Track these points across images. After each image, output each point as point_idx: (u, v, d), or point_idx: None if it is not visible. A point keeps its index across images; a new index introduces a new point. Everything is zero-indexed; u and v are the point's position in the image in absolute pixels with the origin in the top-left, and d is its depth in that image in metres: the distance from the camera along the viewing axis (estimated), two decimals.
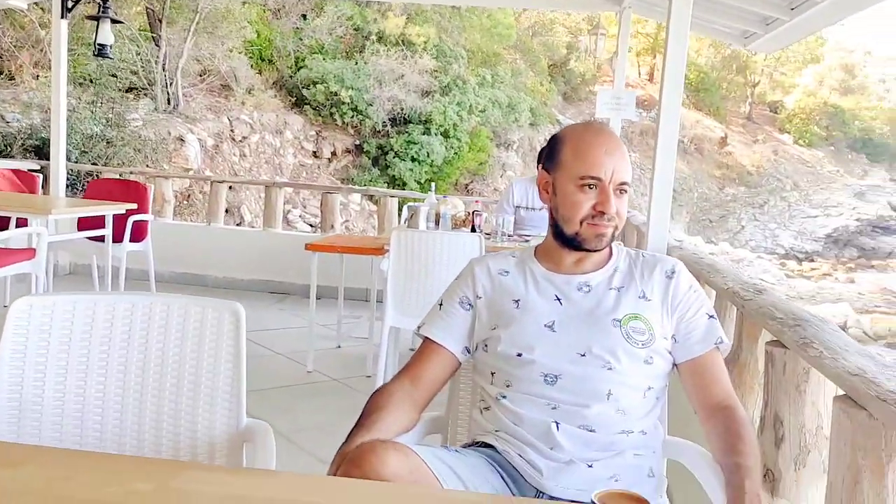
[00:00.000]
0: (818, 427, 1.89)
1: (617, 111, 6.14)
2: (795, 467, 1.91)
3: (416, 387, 1.57)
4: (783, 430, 1.92)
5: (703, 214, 27.19)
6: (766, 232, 26.46)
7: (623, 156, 1.55)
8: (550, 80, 22.90)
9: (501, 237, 4.45)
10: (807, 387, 1.89)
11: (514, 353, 1.53)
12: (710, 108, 30.36)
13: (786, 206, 27.53)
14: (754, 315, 2.21)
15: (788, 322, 1.95)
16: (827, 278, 22.32)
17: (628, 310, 1.54)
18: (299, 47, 15.31)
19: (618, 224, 1.55)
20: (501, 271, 1.65)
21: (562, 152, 1.57)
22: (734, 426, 1.46)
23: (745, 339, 2.38)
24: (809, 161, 30.73)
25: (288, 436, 3.47)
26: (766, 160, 29.49)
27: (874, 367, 1.55)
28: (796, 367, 1.89)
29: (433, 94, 15.48)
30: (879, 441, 1.43)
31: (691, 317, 1.57)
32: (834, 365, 1.63)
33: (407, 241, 3.77)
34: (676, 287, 1.59)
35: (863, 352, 1.69)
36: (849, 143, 33.45)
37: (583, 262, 1.61)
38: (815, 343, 1.76)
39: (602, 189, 1.52)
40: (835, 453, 1.53)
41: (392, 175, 14.97)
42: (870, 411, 1.44)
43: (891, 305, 18.53)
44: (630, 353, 1.50)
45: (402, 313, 3.82)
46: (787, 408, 1.91)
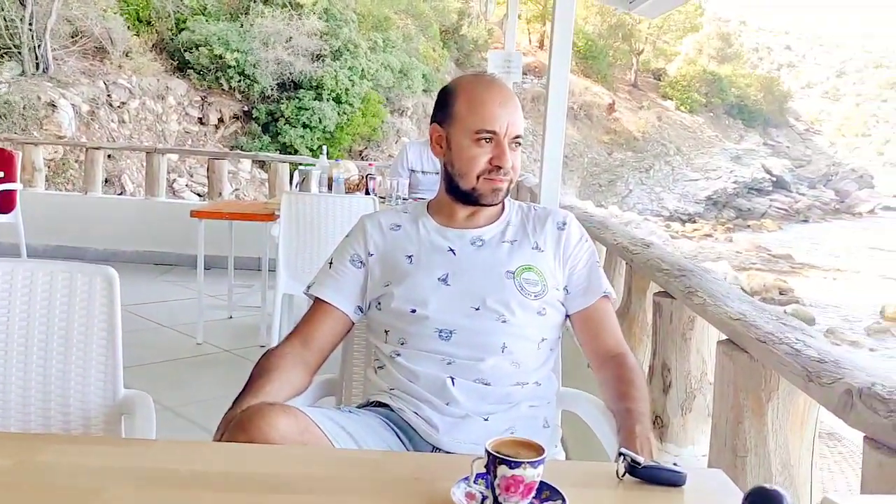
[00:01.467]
0: (703, 373, 1.97)
1: (508, 73, 6.18)
2: (682, 412, 1.98)
3: (307, 348, 1.51)
4: (670, 378, 1.99)
5: (594, 179, 27.99)
6: (651, 195, 27.55)
7: (516, 108, 1.53)
8: (443, 45, 22.82)
9: (396, 200, 4.39)
10: (692, 334, 1.95)
11: (408, 308, 1.49)
12: (598, 76, 31.11)
13: (670, 170, 28.71)
14: (642, 268, 2.27)
15: (674, 273, 2.01)
16: (708, 238, 23.52)
17: (521, 261, 1.53)
18: (179, 8, 14.56)
19: (513, 178, 1.54)
20: (393, 226, 1.61)
21: (455, 105, 1.53)
22: (625, 373, 1.48)
23: (634, 292, 2.44)
24: (691, 126, 32.08)
25: (176, 409, 3.33)
26: (650, 126, 30.57)
27: (754, 312, 1.61)
28: (682, 315, 1.95)
29: (324, 59, 15.12)
30: (760, 381, 1.49)
31: (582, 267, 1.58)
32: (716, 311, 1.68)
33: (298, 205, 3.66)
34: (568, 238, 1.59)
35: (743, 298, 1.76)
36: (726, 109, 35.12)
37: (476, 216, 1.58)
38: (700, 291, 1.82)
39: (497, 143, 1.50)
40: (718, 395, 1.58)
41: (283, 142, 14.58)
42: (750, 353, 1.49)
43: (765, 262, 19.74)
44: (523, 305, 1.49)
45: (295, 279, 3.71)
46: (674, 356, 1.98)
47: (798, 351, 1.33)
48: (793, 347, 1.35)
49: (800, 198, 31.03)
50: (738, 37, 43.30)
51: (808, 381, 1.25)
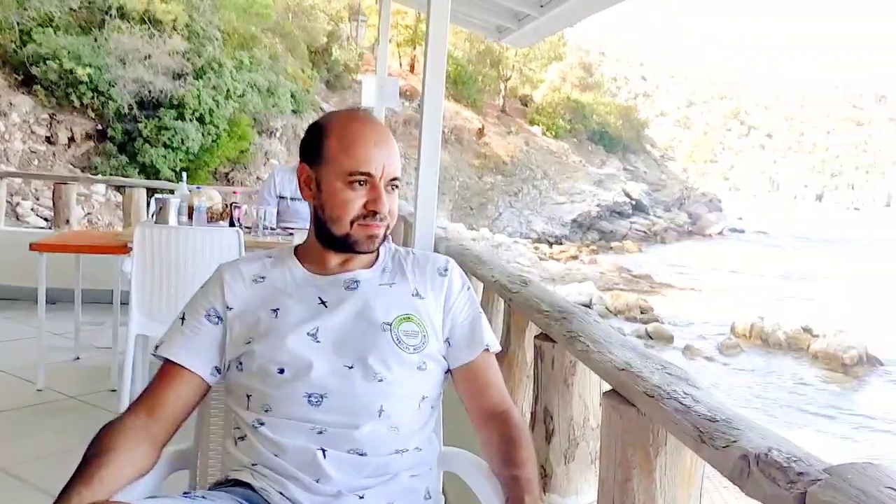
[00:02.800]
0: (585, 419, 1.91)
1: (382, 100, 6.09)
2: (565, 461, 1.91)
3: (154, 420, 1.32)
4: (553, 425, 1.92)
5: (465, 202, 28.39)
6: (521, 218, 28.25)
7: (393, 148, 1.41)
8: (312, 66, 22.51)
9: (263, 231, 4.16)
10: (574, 379, 1.89)
11: (274, 369, 1.33)
12: (468, 101, 31.70)
13: (537, 193, 29.57)
14: (522, 307, 2.20)
15: (555, 315, 1.95)
16: (574, 260, 24.34)
17: (399, 311, 1.41)
18: (24, 19, 13.54)
19: (390, 223, 1.41)
20: (256, 276, 1.44)
21: (326, 145, 1.39)
22: (510, 433, 1.38)
23: (513, 331, 2.37)
24: (556, 152, 33.26)
25: (9, 469, 2.96)
26: (519, 150, 31.42)
27: (638, 360, 1.56)
28: (564, 360, 1.89)
29: (185, 77, 14.49)
30: (648, 436, 1.43)
31: (464, 318, 1.48)
32: (601, 359, 1.62)
33: (153, 238, 3.37)
34: (450, 285, 1.48)
35: (626, 343, 1.71)
36: (589, 136, 36.70)
37: (350, 262, 1.45)
38: (582, 336, 1.76)
39: (373, 186, 1.37)
40: (605, 450, 1.52)
41: (143, 162, 13.80)
42: (638, 407, 1.43)
43: (627, 283, 20.62)
44: (402, 360, 1.36)
45: (150, 318, 3.42)
46: (557, 402, 1.91)
47: (688, 407, 1.27)
48: (682, 403, 1.30)
49: (657, 220, 32.78)
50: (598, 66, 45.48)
51: (700, 443, 1.19)
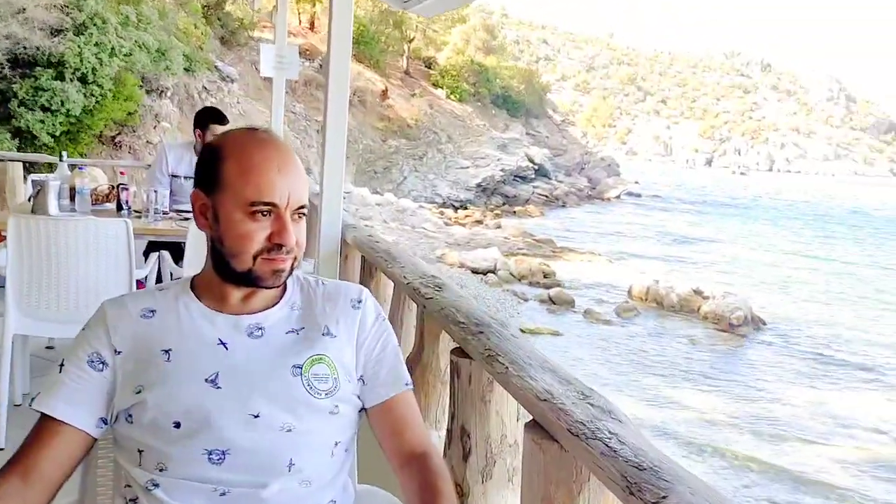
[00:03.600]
0: (503, 436, 1.86)
1: (281, 70, 5.82)
2: (483, 480, 1.86)
3: (29, 484, 1.17)
4: (470, 444, 1.86)
5: (369, 166, 28.05)
6: (425, 182, 28.18)
7: (299, 172, 1.27)
8: (205, 22, 21.47)
9: (155, 216, 3.90)
10: (492, 397, 1.83)
11: (168, 423, 1.19)
12: (371, 61, 31.15)
13: (442, 157, 29.53)
14: (436, 317, 2.12)
15: (471, 328, 1.88)
16: (479, 225, 24.53)
17: (310, 352, 1.29)
18: None
19: (297, 255, 1.28)
20: (145, 312, 1.29)
21: (223, 170, 1.24)
22: (430, 478, 1.30)
23: (426, 338, 2.29)
24: (461, 115, 33.25)
25: None
26: (423, 114, 31.22)
27: (559, 388, 1.50)
28: (481, 377, 1.83)
29: (65, 33, 13.48)
30: (571, 473, 1.38)
31: (380, 353, 1.37)
32: (521, 385, 1.56)
33: (30, 230, 3.08)
34: (364, 318, 1.37)
35: (545, 364, 1.65)
36: (492, 99, 36.86)
37: (252, 297, 1.31)
38: (500, 356, 1.69)
39: (278, 216, 1.23)
40: (527, 484, 1.47)
41: (18, 127, 12.81)
42: (561, 444, 1.38)
43: (530, 248, 20.96)
44: (313, 407, 1.25)
45: (29, 316, 3.14)
46: (474, 420, 1.85)
47: (614, 451, 1.23)
48: (608, 445, 1.25)
49: (558, 185, 33.42)
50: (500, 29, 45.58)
51: (628, 494, 1.14)
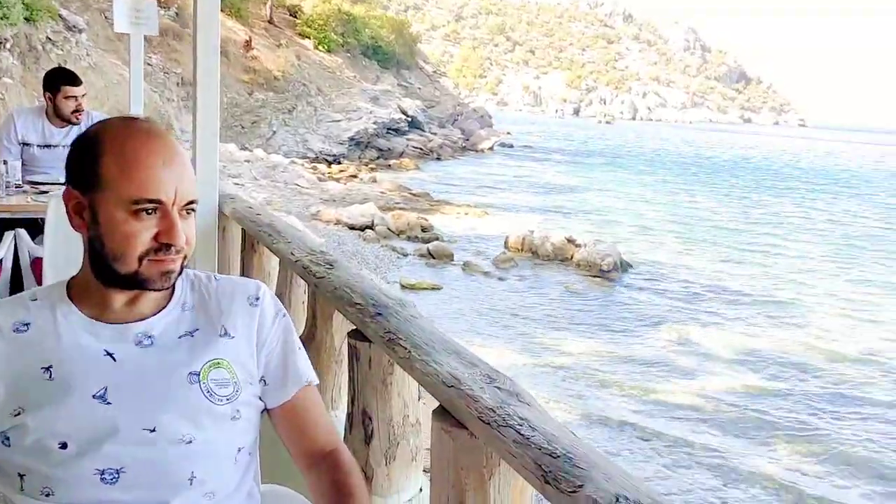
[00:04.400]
0: (405, 417, 1.85)
1: (138, 25, 5.40)
2: (386, 462, 1.84)
3: None
4: (372, 426, 1.83)
5: (235, 120, 26.96)
6: (296, 137, 27.44)
7: (185, 165, 1.18)
8: None
9: (7, 190, 3.58)
10: (393, 379, 1.81)
11: (54, 444, 1.09)
12: (231, 9, 29.66)
13: (312, 110, 28.80)
14: (329, 298, 2.06)
15: (369, 310, 1.83)
16: (354, 179, 24.23)
17: (207, 356, 1.21)
18: None
19: (188, 253, 1.19)
20: (18, 326, 1.17)
21: (100, 165, 1.12)
22: (341, 478, 1.27)
23: (319, 317, 2.23)
24: (330, 66, 32.43)
25: None
26: (290, 65, 30.21)
27: (465, 372, 1.50)
28: (382, 360, 1.80)
29: None
30: (481, 458, 1.38)
31: (281, 352, 1.31)
32: (426, 370, 1.55)
33: None
34: (262, 316, 1.29)
35: (448, 345, 1.64)
36: (362, 50, 36.14)
37: (138, 301, 1.21)
38: (402, 339, 1.67)
39: (165, 214, 1.14)
40: (437, 472, 1.46)
41: None
42: (471, 430, 1.38)
43: (407, 202, 20.95)
44: (213, 415, 1.18)
45: None
46: (376, 403, 1.82)
47: (527, 438, 1.23)
48: (519, 433, 1.25)
49: (432, 137, 33.44)
50: None
51: (544, 483, 1.16)
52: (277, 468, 1.51)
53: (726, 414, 9.07)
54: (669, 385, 9.86)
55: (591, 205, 25.16)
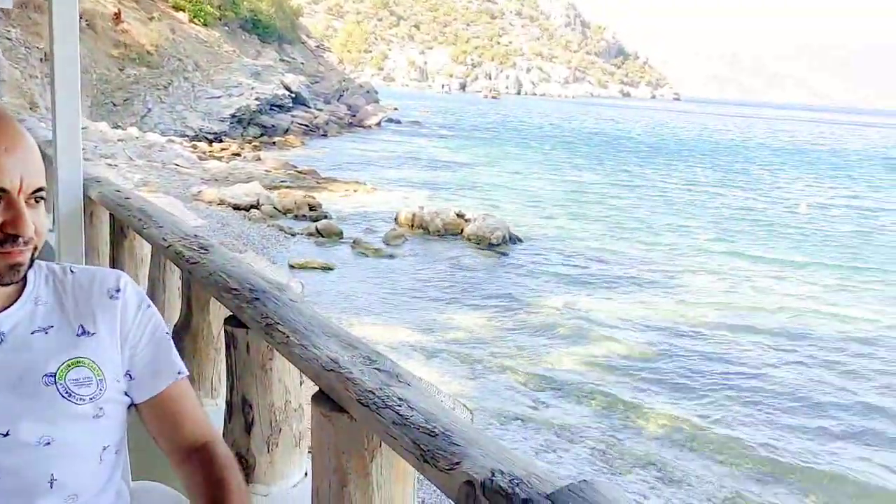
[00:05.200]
0: (287, 402, 1.81)
1: None
2: (269, 449, 1.80)
3: None
4: (253, 414, 1.79)
5: (106, 98, 25.55)
6: (173, 114, 26.29)
7: (31, 150, 1.09)
8: None
9: None
10: (273, 365, 1.77)
11: None
12: None
13: (190, 86, 27.64)
14: (205, 284, 1.98)
15: (245, 295, 1.78)
16: (237, 158, 23.49)
17: (65, 355, 1.13)
18: None
19: (38, 244, 1.11)
20: None
21: None
22: (215, 472, 1.22)
23: (194, 304, 2.14)
24: (207, 41, 31.16)
25: None
26: (164, 39, 28.84)
27: (345, 355, 1.48)
28: (260, 346, 1.75)
29: None
30: (361, 441, 1.37)
31: (146, 345, 1.24)
32: (305, 355, 1.51)
33: None
34: (125, 310, 1.22)
35: (329, 329, 1.61)
36: (241, 24, 34.91)
37: None
38: (280, 324, 1.62)
39: (10, 203, 1.05)
40: (318, 458, 1.43)
41: None
42: (351, 414, 1.36)
43: (293, 180, 20.53)
44: (73, 415, 1.11)
45: None
46: (256, 389, 1.77)
47: (406, 419, 1.23)
48: (399, 413, 1.25)
49: (318, 113, 32.83)
50: None
51: (423, 462, 1.16)
52: (150, 464, 1.44)
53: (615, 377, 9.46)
54: (559, 353, 10.18)
55: (480, 180, 25.47)
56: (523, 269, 14.46)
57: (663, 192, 26.49)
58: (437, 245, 15.65)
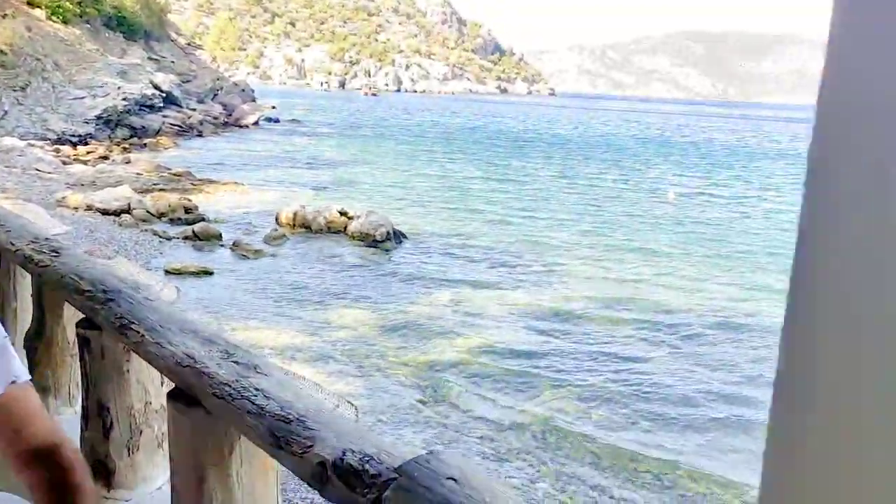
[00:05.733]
0: (147, 403, 1.76)
1: None
2: (129, 452, 1.75)
3: None
4: (111, 418, 1.73)
5: None
6: (33, 116, 24.70)
7: None
8: None
9: None
10: (130, 366, 1.72)
11: None
12: None
13: (50, 87, 26.04)
14: (57, 288, 1.90)
15: (98, 296, 1.72)
16: (104, 161, 22.34)
17: None
18: None
19: None
20: None
21: None
22: (60, 475, 1.19)
23: (47, 309, 2.05)
24: (68, 39, 29.42)
25: None
26: (19, 37, 27.02)
27: (202, 350, 1.46)
28: (116, 348, 1.70)
29: None
30: (219, 435, 1.37)
31: None
32: (160, 352, 1.49)
33: None
34: None
35: (186, 325, 1.59)
36: (104, 21, 33.17)
37: None
38: (134, 325, 1.59)
39: None
40: (176, 456, 1.42)
41: None
42: (207, 408, 1.36)
43: (167, 182, 19.74)
44: None
45: None
46: (113, 393, 1.72)
47: (261, 408, 1.24)
48: (254, 403, 1.25)
49: (191, 113, 31.67)
50: None
51: (278, 449, 1.17)
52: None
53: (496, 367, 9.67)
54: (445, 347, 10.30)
55: (362, 178, 25.36)
56: (408, 266, 14.53)
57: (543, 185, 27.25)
58: (321, 244, 15.47)
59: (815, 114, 0.34)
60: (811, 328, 0.33)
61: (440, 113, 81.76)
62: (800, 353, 0.34)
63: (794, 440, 0.34)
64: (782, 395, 0.35)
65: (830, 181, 0.32)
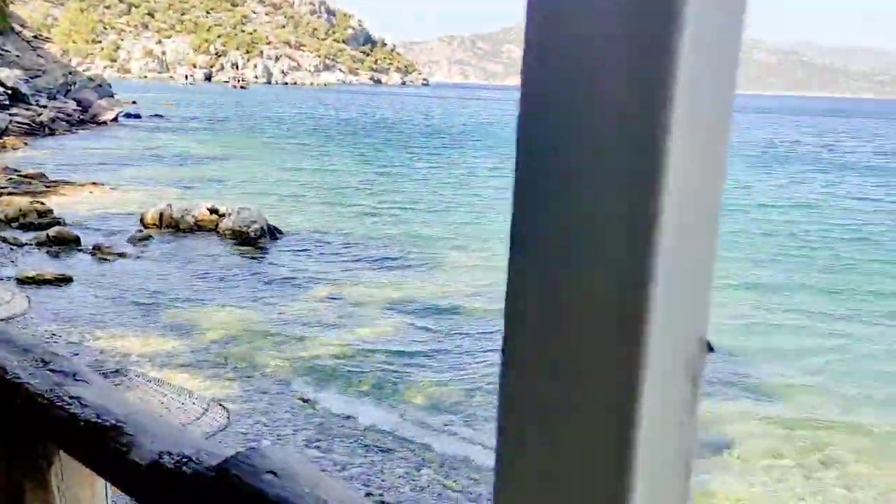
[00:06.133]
0: None
1: None
2: None
3: None
4: None
5: None
6: None
7: None
8: None
9: None
10: None
11: None
12: None
13: None
14: None
15: None
16: None
17: None
18: None
19: None
20: None
21: None
22: None
23: None
24: None
25: None
26: None
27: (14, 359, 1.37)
28: None
29: None
30: (36, 449, 1.28)
31: None
32: None
33: None
34: None
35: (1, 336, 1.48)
36: None
37: None
38: None
39: None
40: None
41: None
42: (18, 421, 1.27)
43: (17, 185, 18.45)
44: None
45: None
46: None
47: (76, 417, 1.17)
48: (69, 413, 1.18)
49: (41, 110, 29.64)
50: None
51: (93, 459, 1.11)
52: None
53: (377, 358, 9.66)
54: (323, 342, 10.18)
55: (233, 173, 24.63)
56: (284, 262, 14.25)
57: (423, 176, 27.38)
58: (190, 243, 14.91)
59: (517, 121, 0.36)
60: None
61: (312, 105, 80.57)
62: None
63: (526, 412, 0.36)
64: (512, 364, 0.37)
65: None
